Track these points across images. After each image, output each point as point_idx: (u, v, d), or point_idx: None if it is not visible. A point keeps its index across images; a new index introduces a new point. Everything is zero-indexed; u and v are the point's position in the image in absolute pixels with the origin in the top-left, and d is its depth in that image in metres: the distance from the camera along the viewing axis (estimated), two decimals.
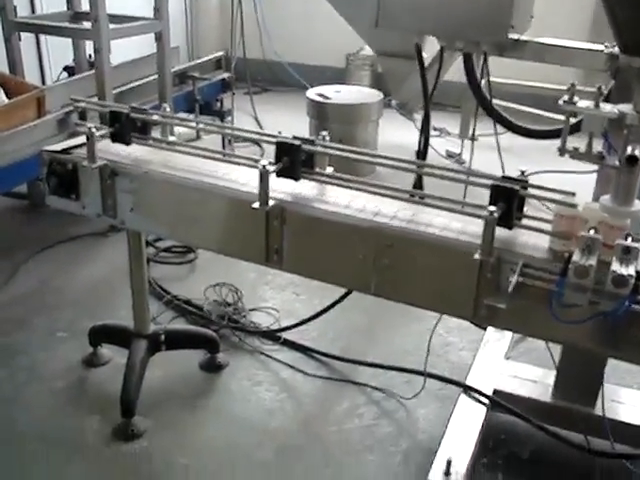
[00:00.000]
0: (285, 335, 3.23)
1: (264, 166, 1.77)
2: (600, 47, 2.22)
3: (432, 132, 6.25)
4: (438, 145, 5.69)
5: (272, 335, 3.25)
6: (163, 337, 2.83)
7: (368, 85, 6.70)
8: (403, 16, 2.47)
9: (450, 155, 5.74)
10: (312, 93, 5.31)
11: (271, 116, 6.33)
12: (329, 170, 2.03)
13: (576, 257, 1.50)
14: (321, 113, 5.18)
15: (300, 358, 3.13)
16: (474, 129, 3.39)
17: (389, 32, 3.03)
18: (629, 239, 1.52)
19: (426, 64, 4.69)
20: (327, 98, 5.21)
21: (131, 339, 2.79)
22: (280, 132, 1.97)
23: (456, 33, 2.49)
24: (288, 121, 5.58)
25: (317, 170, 1.99)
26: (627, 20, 1.65)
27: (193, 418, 2.74)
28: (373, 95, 5.42)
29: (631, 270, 1.46)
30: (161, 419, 2.69)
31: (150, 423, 2.66)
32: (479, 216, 1.69)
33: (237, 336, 3.25)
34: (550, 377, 2.66)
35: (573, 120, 1.87)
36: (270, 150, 1.92)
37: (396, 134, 5.57)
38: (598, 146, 1.86)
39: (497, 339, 3.03)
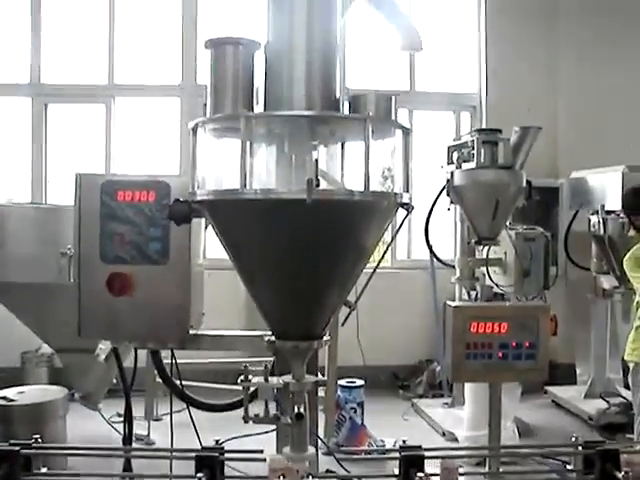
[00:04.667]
0: None
1: None
2: (258, 333, 2.82)
3: (117, 417, 6.44)
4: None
5: None
6: None
7: (47, 382, 6.75)
8: (102, 328, 2.89)
9: (139, 438, 5.93)
10: None
11: None
12: (44, 469, 2.24)
13: None
14: (7, 416, 5.12)
15: None
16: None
17: (66, 329, 3.39)
18: (309, 477, 1.98)
19: (104, 355, 5.07)
20: (11, 400, 5.20)
21: None
22: None
23: (147, 337, 2.97)
24: None
25: (35, 471, 2.19)
26: (273, 313, 2.23)
27: None
28: (57, 392, 5.52)
29: None
30: None
31: None
32: None
33: None
34: None
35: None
36: None
37: (85, 426, 5.66)
38: (273, 409, 2.35)
39: None
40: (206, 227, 3.62)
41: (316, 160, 2.08)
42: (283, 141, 2.21)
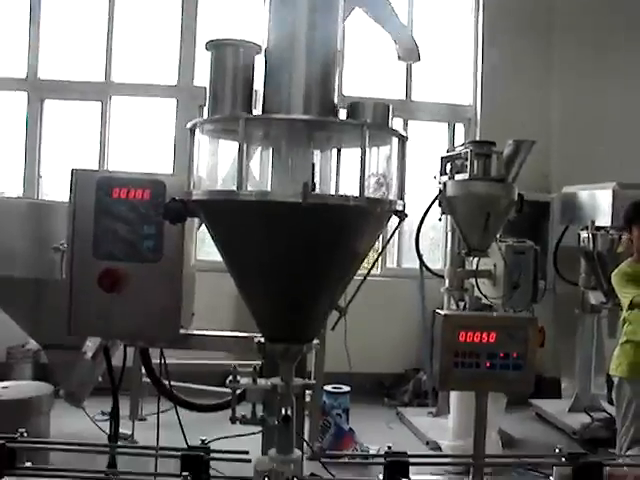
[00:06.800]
0: None
1: None
2: (248, 334, 2.83)
3: (101, 416, 6.43)
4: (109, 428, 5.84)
5: None
6: None
7: (31, 378, 6.74)
8: (93, 324, 2.90)
9: (123, 437, 5.90)
10: None
11: None
12: (28, 464, 2.26)
13: None
14: None
15: None
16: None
17: (55, 325, 3.39)
18: (295, 479, 1.99)
19: (91, 353, 5.06)
20: None
21: None
22: None
23: (137, 335, 2.98)
24: None
25: (18, 465, 2.20)
26: (265, 315, 2.24)
27: None
28: (42, 388, 5.51)
29: None
30: None
31: None
32: None
33: None
34: None
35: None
36: None
37: (69, 423, 5.63)
38: (260, 412, 2.36)
39: None
40: (198, 228, 3.63)
41: (312, 164, 2.10)
42: (280, 145, 2.23)
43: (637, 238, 4.59)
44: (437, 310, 2.83)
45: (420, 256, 5.96)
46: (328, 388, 5.76)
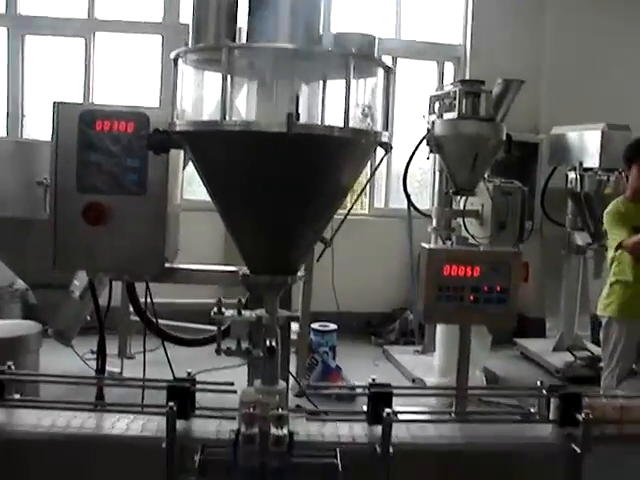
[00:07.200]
0: None
1: None
2: (234, 268, 2.85)
3: (91, 355, 6.48)
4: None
5: None
6: None
7: (20, 317, 6.75)
8: (78, 259, 2.90)
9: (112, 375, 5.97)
10: None
11: None
12: (17, 396, 2.28)
13: (242, 429, 1.95)
14: None
15: None
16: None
17: (42, 264, 3.39)
18: (280, 409, 2.02)
19: (78, 292, 5.07)
20: None
21: None
22: None
23: (123, 269, 2.98)
24: None
25: (7, 397, 2.23)
26: (249, 247, 2.24)
27: None
28: (30, 326, 5.52)
29: (285, 431, 1.95)
30: None
31: None
32: (160, 413, 2.07)
33: None
34: None
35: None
36: None
37: (58, 362, 5.68)
38: (245, 343, 2.39)
39: None
40: (184, 167, 3.60)
41: (297, 95, 2.08)
42: (264, 76, 2.20)
43: (635, 177, 4.55)
44: (423, 244, 2.85)
45: (408, 195, 5.95)
46: (315, 326, 5.82)
